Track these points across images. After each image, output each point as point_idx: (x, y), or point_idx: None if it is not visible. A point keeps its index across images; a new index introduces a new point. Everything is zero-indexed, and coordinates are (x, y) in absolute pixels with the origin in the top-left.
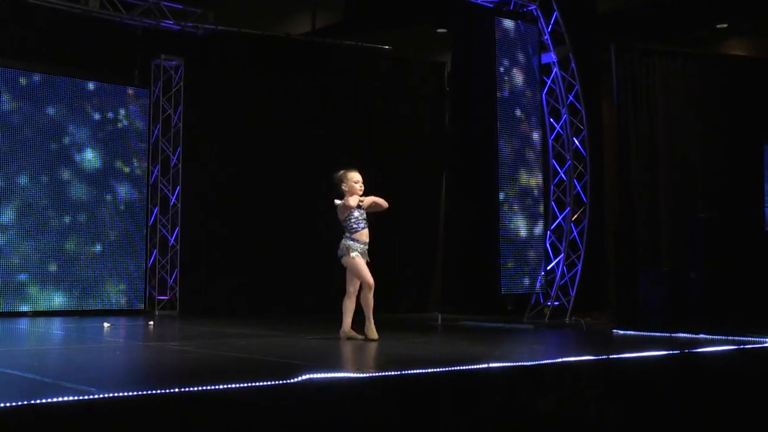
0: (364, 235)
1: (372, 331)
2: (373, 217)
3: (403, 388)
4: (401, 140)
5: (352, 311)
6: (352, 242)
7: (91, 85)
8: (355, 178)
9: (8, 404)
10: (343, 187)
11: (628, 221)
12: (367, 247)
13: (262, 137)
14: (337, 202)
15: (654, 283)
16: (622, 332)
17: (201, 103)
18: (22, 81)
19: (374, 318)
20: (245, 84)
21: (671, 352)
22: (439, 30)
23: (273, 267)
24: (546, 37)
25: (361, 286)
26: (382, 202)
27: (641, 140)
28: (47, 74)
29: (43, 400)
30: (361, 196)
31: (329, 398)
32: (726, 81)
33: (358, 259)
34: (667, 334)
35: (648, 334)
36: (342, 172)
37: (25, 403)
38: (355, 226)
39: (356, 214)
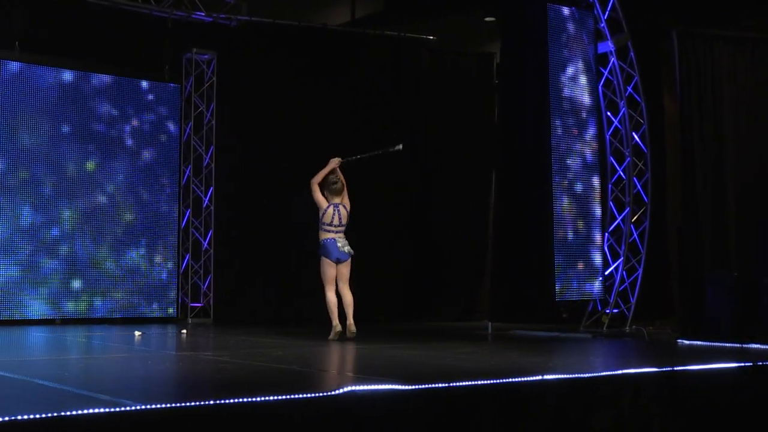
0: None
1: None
2: (397, 216)
3: (450, 401)
4: (447, 136)
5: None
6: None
7: (119, 81)
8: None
9: (34, 416)
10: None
11: (693, 222)
12: (340, 243)
13: (299, 134)
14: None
15: (722, 289)
16: (687, 342)
17: (235, 98)
18: (48, 77)
19: (418, 326)
20: (281, 78)
21: (742, 364)
22: (487, 18)
23: (312, 272)
24: (602, 25)
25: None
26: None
27: (706, 134)
28: (73, 70)
29: (71, 412)
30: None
31: (372, 412)
32: None
33: (325, 263)
34: (738, 345)
35: (716, 344)
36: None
37: (53, 415)
38: (324, 220)
39: (330, 210)
